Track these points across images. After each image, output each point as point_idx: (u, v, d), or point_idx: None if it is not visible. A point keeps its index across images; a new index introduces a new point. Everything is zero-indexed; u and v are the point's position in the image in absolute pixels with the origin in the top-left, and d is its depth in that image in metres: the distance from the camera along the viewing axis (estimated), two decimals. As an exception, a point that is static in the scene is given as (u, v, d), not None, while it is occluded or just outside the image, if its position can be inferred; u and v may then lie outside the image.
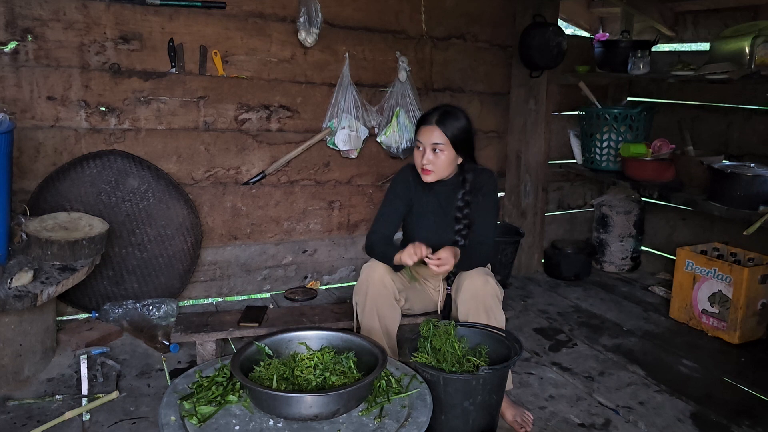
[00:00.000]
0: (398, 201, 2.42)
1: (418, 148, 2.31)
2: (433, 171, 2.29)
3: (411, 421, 1.71)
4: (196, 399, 1.75)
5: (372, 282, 2.27)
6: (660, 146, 3.38)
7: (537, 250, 3.98)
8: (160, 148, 3.08)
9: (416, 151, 2.32)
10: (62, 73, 2.83)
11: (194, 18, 3.02)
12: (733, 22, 3.41)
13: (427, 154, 2.28)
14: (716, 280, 3.05)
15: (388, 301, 2.29)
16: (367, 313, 2.29)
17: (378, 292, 2.27)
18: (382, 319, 2.29)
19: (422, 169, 2.31)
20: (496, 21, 3.78)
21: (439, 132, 2.26)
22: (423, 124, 2.30)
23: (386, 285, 2.28)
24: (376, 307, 2.28)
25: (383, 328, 2.30)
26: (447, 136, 2.26)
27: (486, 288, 2.23)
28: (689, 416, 2.37)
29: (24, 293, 2.26)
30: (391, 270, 2.30)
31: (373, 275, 2.27)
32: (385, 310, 2.29)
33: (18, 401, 2.27)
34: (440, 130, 2.26)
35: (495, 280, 2.28)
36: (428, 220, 2.41)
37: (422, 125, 2.30)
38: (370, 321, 2.29)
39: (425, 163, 2.28)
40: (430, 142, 2.27)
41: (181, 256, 3.10)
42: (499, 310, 2.25)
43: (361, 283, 2.31)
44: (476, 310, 2.22)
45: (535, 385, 2.56)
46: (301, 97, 3.33)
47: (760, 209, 2.74)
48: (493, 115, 3.90)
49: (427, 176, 2.31)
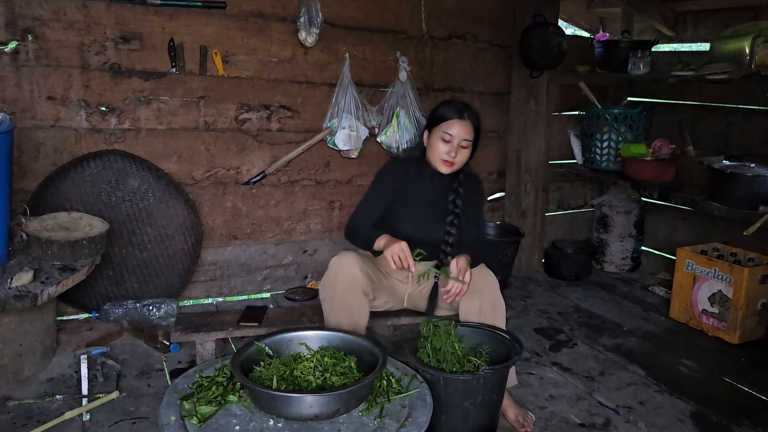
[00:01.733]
0: (385, 191, 2.36)
1: (445, 141, 2.25)
2: (454, 164, 2.28)
3: (411, 421, 1.71)
4: (196, 399, 1.75)
5: (341, 275, 2.20)
6: (660, 146, 3.38)
7: (537, 250, 3.98)
8: (160, 148, 3.08)
9: (440, 142, 2.26)
10: (62, 73, 2.83)
11: (194, 18, 3.02)
12: (733, 22, 3.40)
13: (456, 147, 2.24)
14: (716, 280, 3.05)
15: (358, 296, 2.22)
16: (336, 308, 2.22)
17: (348, 285, 2.20)
18: (352, 315, 2.22)
19: (445, 161, 2.26)
20: (496, 21, 3.78)
21: (472, 129, 2.26)
22: (456, 117, 2.24)
23: (356, 278, 2.20)
24: (346, 302, 2.21)
25: (352, 324, 2.22)
26: (475, 134, 2.28)
27: (492, 284, 2.26)
28: (689, 416, 2.37)
29: (24, 293, 2.26)
30: (361, 263, 2.23)
31: (342, 269, 2.20)
32: (355, 306, 2.22)
33: (18, 401, 2.27)
34: (472, 127, 2.26)
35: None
36: (417, 210, 2.36)
37: (455, 118, 2.24)
38: (339, 317, 2.22)
39: (453, 156, 2.25)
40: (462, 137, 2.24)
41: (181, 256, 3.10)
42: (502, 303, 2.28)
43: (329, 276, 2.24)
44: (486, 305, 2.22)
45: (535, 385, 2.56)
46: (301, 97, 3.33)
47: (760, 209, 2.74)
48: (493, 115, 3.90)
49: (448, 168, 2.28)
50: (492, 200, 4.06)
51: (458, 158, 2.27)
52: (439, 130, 2.27)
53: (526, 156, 3.85)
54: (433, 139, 2.30)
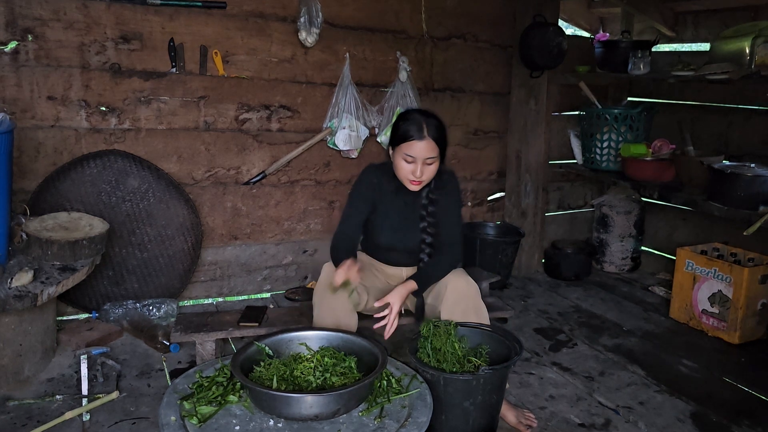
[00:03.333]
0: (363, 203, 2.32)
1: (407, 161, 2.17)
2: (422, 182, 2.21)
3: (411, 421, 1.71)
4: (196, 399, 1.75)
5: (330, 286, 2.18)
6: (660, 146, 3.38)
7: (537, 250, 3.98)
8: (160, 148, 3.08)
9: (403, 163, 2.18)
10: (62, 73, 2.83)
11: (195, 18, 3.02)
12: (733, 23, 3.40)
13: (420, 167, 2.16)
14: (716, 280, 3.05)
15: (345, 304, 2.21)
16: (323, 315, 2.21)
17: (336, 297, 2.18)
18: (338, 322, 2.20)
19: (411, 180, 2.19)
20: (496, 21, 3.78)
21: (434, 145, 2.16)
22: (416, 138, 2.14)
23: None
24: (332, 309, 2.20)
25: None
26: (439, 148, 2.19)
27: (470, 288, 2.23)
28: (689, 416, 2.37)
29: (24, 293, 2.26)
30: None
31: (331, 275, 2.18)
32: (341, 312, 2.21)
33: (18, 401, 2.27)
34: (434, 144, 2.16)
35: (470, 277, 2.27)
36: (393, 220, 2.35)
37: (415, 138, 2.14)
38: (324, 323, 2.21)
39: (419, 175, 2.17)
40: (424, 156, 2.15)
41: (181, 256, 3.10)
42: (484, 306, 2.26)
43: (320, 283, 2.24)
44: (465, 311, 2.21)
45: (535, 385, 2.56)
46: (301, 97, 3.33)
47: (760, 209, 2.74)
48: (493, 115, 3.90)
49: (416, 186, 2.21)
50: (492, 200, 4.06)
51: (425, 176, 2.19)
52: (401, 151, 2.17)
53: (526, 156, 3.85)
54: (396, 158, 2.21)
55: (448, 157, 2.47)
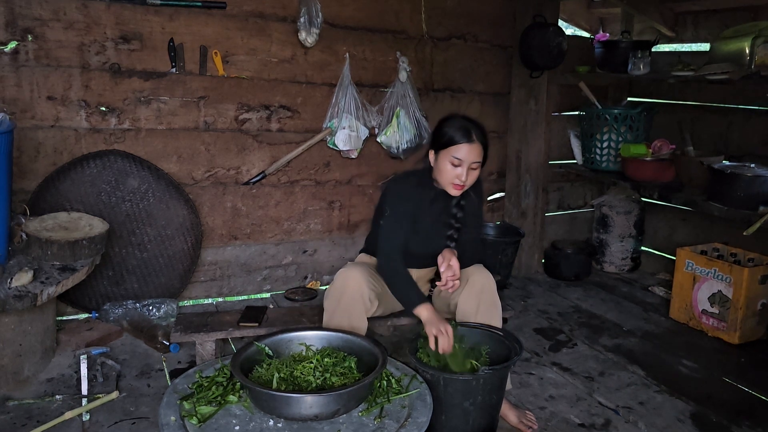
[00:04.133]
0: (405, 219, 2.25)
1: (454, 165, 2.14)
2: (465, 186, 2.19)
3: (411, 421, 1.71)
4: (196, 399, 1.75)
5: (347, 291, 2.18)
6: (660, 146, 3.38)
7: (537, 250, 3.98)
8: (160, 148, 3.08)
9: (449, 166, 2.15)
10: (62, 73, 2.83)
11: (194, 18, 3.02)
12: (733, 23, 3.40)
13: (466, 171, 2.14)
14: (716, 281, 3.05)
15: (359, 313, 2.21)
16: (336, 322, 2.21)
17: (353, 300, 2.18)
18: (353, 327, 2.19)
19: (456, 185, 2.17)
20: (496, 21, 3.78)
21: (481, 150, 2.16)
22: (465, 141, 2.13)
23: (363, 295, 2.19)
24: (348, 315, 2.19)
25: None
26: (484, 153, 2.18)
27: (491, 282, 2.27)
28: (689, 416, 2.37)
29: (24, 293, 2.26)
30: (368, 277, 2.21)
31: (349, 283, 2.18)
32: (355, 321, 2.20)
33: (18, 401, 2.27)
34: (481, 148, 2.16)
35: None
36: (425, 227, 2.32)
37: (464, 141, 2.13)
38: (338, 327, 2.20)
39: (464, 179, 2.15)
40: (471, 159, 2.13)
41: (181, 256, 3.10)
42: (500, 303, 2.30)
43: (335, 290, 2.22)
44: (485, 303, 2.23)
45: (535, 386, 2.56)
46: (301, 97, 3.33)
47: (760, 209, 2.74)
48: (493, 115, 3.90)
49: (458, 191, 2.19)
50: (492, 200, 4.06)
51: (468, 180, 2.17)
52: (448, 154, 2.15)
53: (526, 156, 3.85)
54: (441, 162, 2.18)
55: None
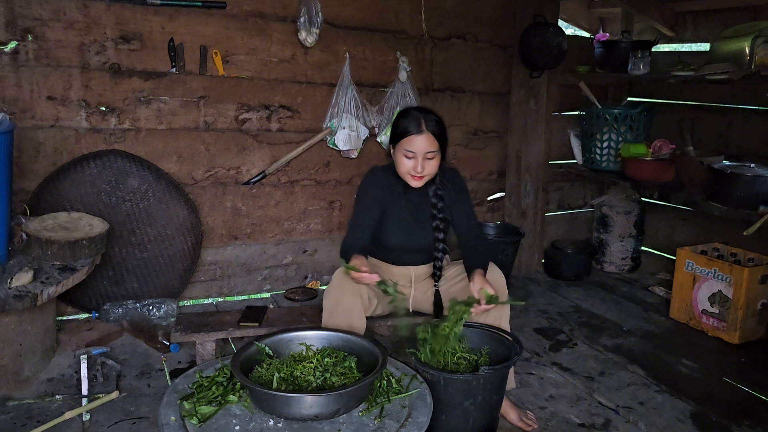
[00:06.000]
0: (374, 206, 2.30)
1: (408, 157, 2.19)
2: (423, 177, 2.23)
3: (411, 421, 1.71)
4: (196, 399, 1.75)
5: (346, 289, 2.18)
6: (660, 146, 3.38)
7: (537, 250, 3.98)
8: (160, 148, 3.08)
9: (404, 159, 2.20)
10: (62, 73, 2.83)
11: (194, 18, 3.02)
12: (733, 23, 3.40)
13: (421, 162, 2.18)
14: (716, 281, 3.05)
15: (358, 311, 2.21)
16: (335, 320, 2.21)
17: (352, 299, 2.19)
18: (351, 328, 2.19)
19: (413, 176, 2.21)
20: (496, 21, 3.78)
21: (433, 139, 2.18)
22: (415, 132, 2.17)
23: (362, 294, 2.20)
24: (347, 315, 2.20)
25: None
26: (438, 143, 2.20)
27: (502, 279, 2.29)
28: (689, 416, 2.37)
29: (24, 293, 2.26)
30: None
31: (346, 283, 2.18)
32: (355, 320, 2.21)
33: (18, 401, 2.27)
34: (433, 138, 2.18)
35: None
36: (403, 220, 2.34)
37: (414, 133, 2.17)
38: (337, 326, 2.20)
39: (420, 170, 2.19)
40: (424, 150, 2.17)
41: (181, 256, 3.10)
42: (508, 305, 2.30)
43: (334, 288, 2.22)
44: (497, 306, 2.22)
45: (535, 385, 2.56)
46: (301, 97, 3.33)
47: (760, 209, 2.74)
48: (493, 115, 3.91)
49: (418, 182, 2.24)
50: (492, 200, 4.06)
51: (426, 170, 2.20)
52: (401, 147, 2.20)
53: (526, 156, 3.85)
54: (397, 155, 2.24)
55: (449, 157, 2.47)
